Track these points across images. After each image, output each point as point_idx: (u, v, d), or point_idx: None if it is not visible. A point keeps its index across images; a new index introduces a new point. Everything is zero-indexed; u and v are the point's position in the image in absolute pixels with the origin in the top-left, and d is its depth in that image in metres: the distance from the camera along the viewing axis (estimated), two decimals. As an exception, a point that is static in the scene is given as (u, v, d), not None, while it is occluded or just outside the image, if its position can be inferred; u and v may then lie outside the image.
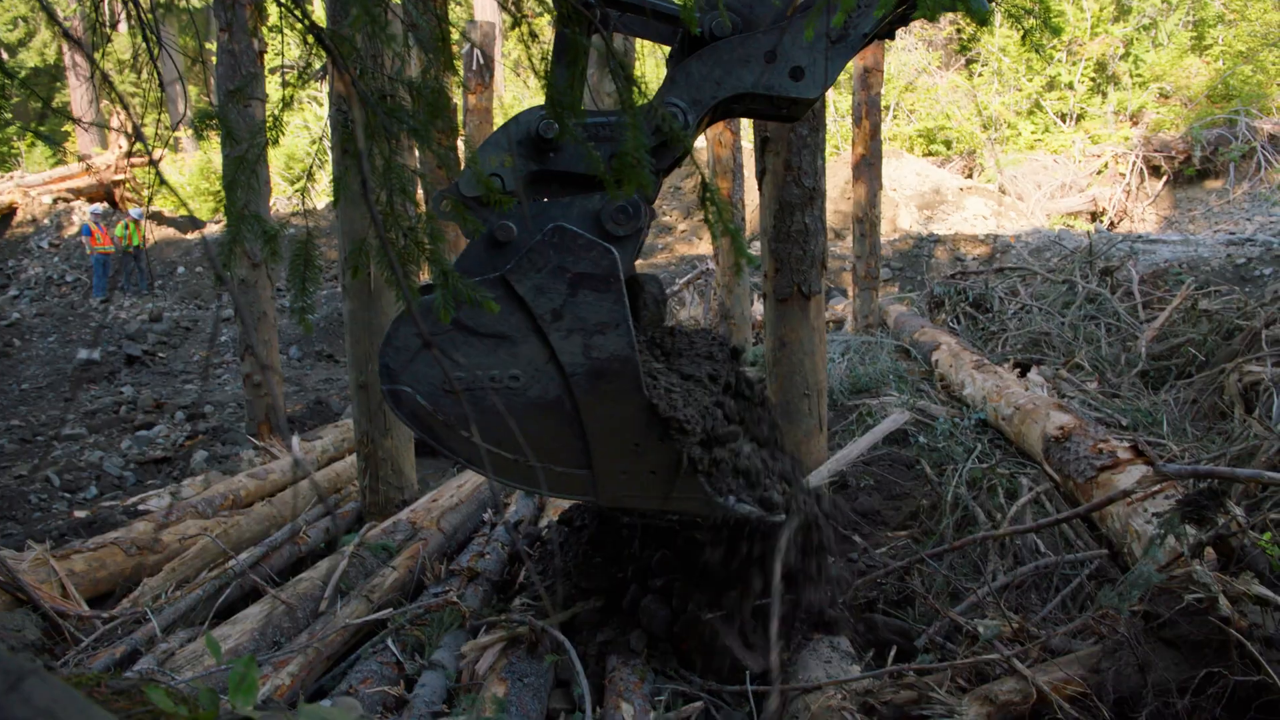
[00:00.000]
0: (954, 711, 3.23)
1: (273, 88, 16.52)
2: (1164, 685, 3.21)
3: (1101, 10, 29.77)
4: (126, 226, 22.31)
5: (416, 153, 6.05)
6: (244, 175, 2.04)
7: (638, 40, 5.07)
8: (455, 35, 2.83)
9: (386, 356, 3.33)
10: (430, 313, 3.06)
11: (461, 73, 13.78)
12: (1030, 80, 30.40)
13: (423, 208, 2.68)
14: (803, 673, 3.68)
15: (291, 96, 2.02)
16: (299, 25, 1.63)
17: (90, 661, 4.41)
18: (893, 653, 3.87)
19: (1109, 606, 3.38)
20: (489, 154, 3.38)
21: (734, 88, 3.45)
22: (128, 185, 27.92)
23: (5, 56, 32.68)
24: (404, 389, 3.32)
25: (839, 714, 3.35)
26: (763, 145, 5.99)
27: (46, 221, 25.89)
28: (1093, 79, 30.08)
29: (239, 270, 9.32)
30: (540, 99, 3.32)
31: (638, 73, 3.21)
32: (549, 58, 3.31)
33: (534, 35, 2.50)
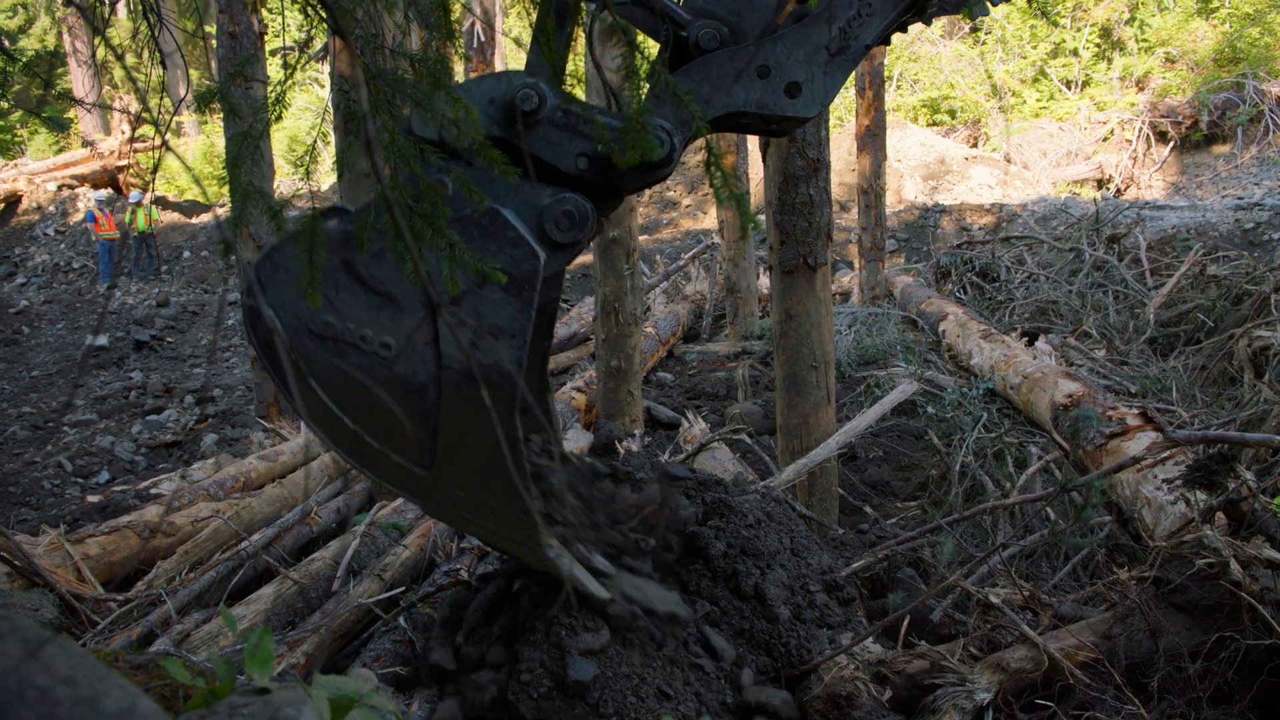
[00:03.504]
0: (966, 680, 3.25)
1: (274, 70, 16.47)
2: (1175, 650, 3.22)
3: (1106, -25, 29.47)
4: (133, 212, 22.32)
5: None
6: (248, 150, 2.02)
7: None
8: (456, 12, 2.80)
9: (260, 269, 2.96)
10: (324, 243, 2.74)
11: (462, 48, 13.71)
12: (1035, 47, 30.12)
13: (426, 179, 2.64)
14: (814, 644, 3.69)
15: (295, 69, 2.01)
16: (299, -1, 1.62)
17: (108, 643, 4.45)
18: (905, 624, 3.88)
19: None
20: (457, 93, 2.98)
21: (724, 106, 3.15)
22: (131, 170, 27.90)
23: (6, 43, 32.60)
24: (266, 309, 2.94)
25: (852, 684, 3.37)
26: (767, 117, 5.95)
27: (52, 209, 25.90)
28: (1098, 45, 29.79)
29: (245, 253, 9.32)
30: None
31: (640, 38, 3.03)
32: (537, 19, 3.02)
33: (535, 5, 2.48)
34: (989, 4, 3.25)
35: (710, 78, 3.13)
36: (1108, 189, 25.44)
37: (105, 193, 25.32)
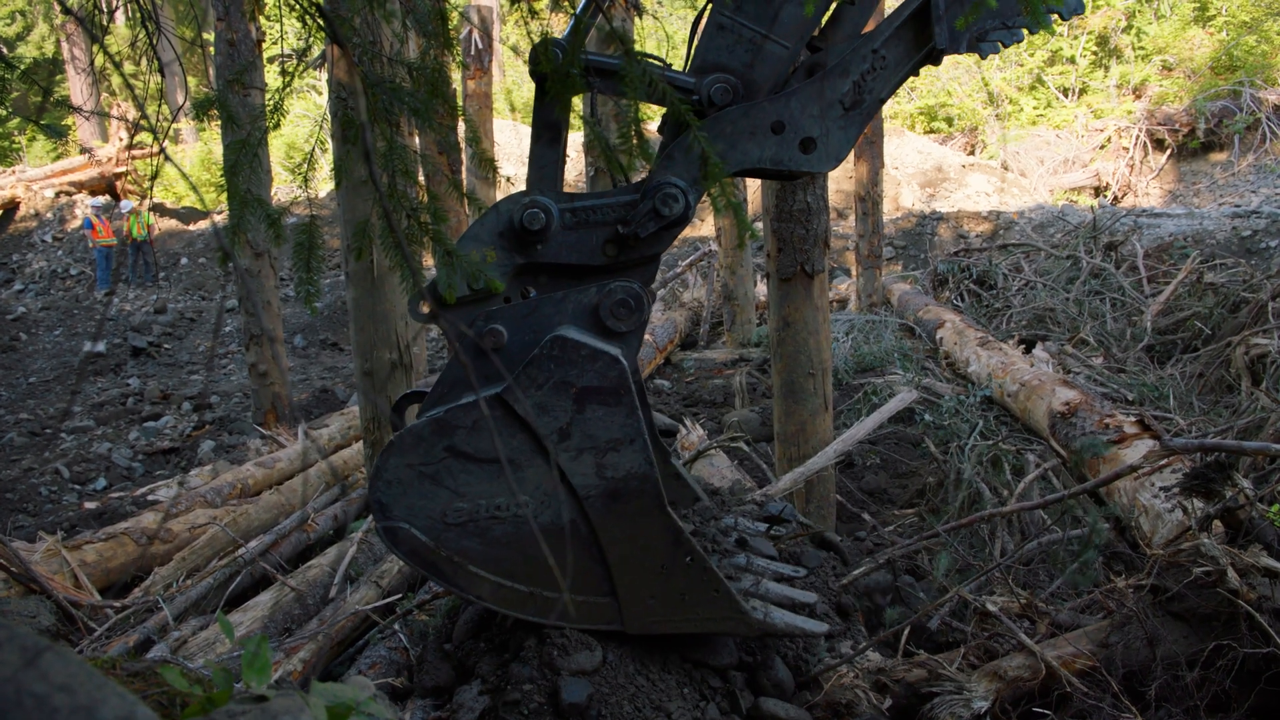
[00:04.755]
0: (964, 688, 3.24)
1: (271, 77, 16.48)
2: (1173, 658, 3.21)
3: (1103, -17, 29.55)
4: (127, 220, 22.31)
5: (416, 139, 6.04)
6: (246, 159, 2.03)
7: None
8: (454, 20, 2.80)
9: (378, 491, 3.05)
10: (421, 442, 2.95)
11: (460, 56, 13.72)
12: (1031, 55, 30.19)
13: (424, 189, 2.67)
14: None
15: (292, 78, 2.02)
16: (298, 6, 1.61)
17: (105, 650, 4.44)
18: (905, 634, 3.88)
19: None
20: (467, 248, 2.99)
21: (739, 163, 3.12)
22: (129, 178, 27.90)
23: (4, 50, 32.61)
24: (400, 525, 3.05)
25: (852, 692, 3.37)
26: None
27: (49, 215, 25.88)
28: (1095, 52, 29.88)
29: (242, 260, 9.31)
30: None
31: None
32: (530, 135, 3.09)
33: (533, 13, 2.48)
34: (1000, 44, 3.25)
35: (724, 135, 3.08)
36: (1105, 197, 25.49)
37: (103, 199, 25.28)
